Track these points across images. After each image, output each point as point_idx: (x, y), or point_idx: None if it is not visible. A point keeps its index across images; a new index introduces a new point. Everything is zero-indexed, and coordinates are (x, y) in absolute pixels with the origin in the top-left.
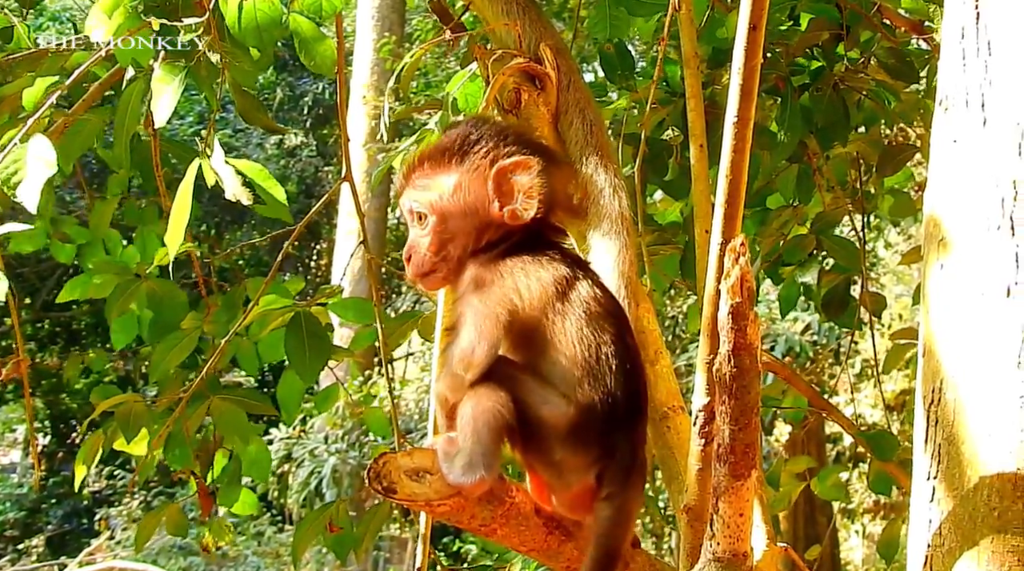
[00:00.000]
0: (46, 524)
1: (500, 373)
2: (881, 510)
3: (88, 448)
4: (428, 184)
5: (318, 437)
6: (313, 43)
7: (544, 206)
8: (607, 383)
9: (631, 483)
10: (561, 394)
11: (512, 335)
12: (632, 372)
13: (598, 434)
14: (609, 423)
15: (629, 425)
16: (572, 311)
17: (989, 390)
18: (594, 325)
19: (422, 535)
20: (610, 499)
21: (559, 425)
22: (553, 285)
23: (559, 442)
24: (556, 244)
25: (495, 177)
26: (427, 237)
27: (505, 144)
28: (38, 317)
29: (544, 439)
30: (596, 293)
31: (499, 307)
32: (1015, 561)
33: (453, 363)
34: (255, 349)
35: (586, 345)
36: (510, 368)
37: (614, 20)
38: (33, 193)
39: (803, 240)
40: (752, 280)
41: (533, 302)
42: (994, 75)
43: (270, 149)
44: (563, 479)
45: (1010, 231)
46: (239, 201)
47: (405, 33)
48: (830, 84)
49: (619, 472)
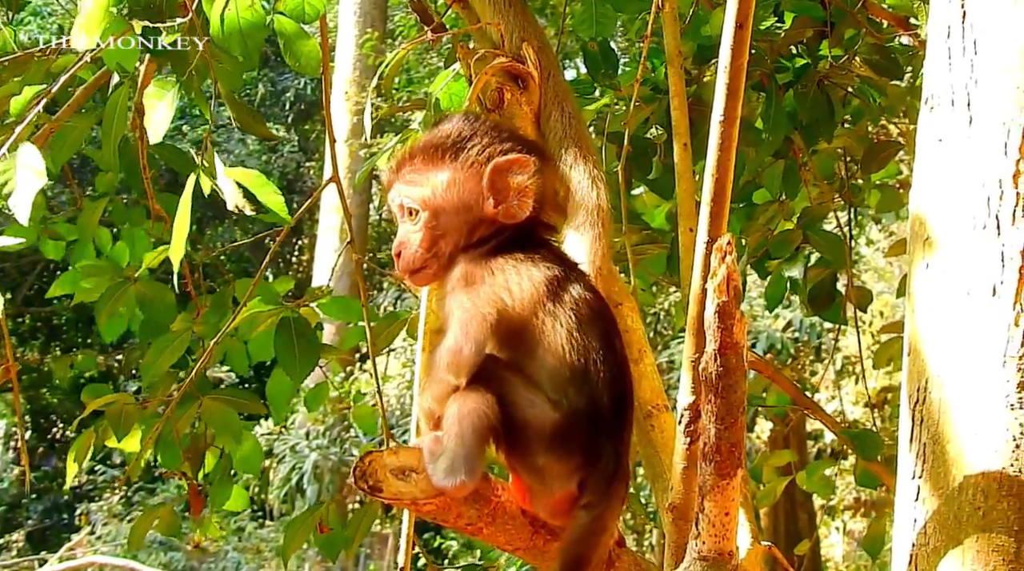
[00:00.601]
0: (26, 519)
1: (488, 373)
2: (862, 507)
3: (80, 446)
4: (420, 179)
5: (299, 433)
6: (297, 43)
7: (537, 205)
8: (594, 388)
9: (612, 492)
10: (547, 398)
11: (500, 334)
12: (619, 378)
13: (582, 441)
14: (594, 429)
15: (614, 432)
16: (562, 313)
17: (974, 389)
18: (584, 328)
19: (406, 533)
20: (589, 508)
21: (544, 429)
22: (544, 285)
23: (543, 447)
24: (547, 242)
25: (490, 174)
26: (418, 233)
27: (501, 141)
28: (19, 312)
29: (528, 443)
30: (586, 295)
31: (488, 306)
32: (1000, 560)
33: (440, 365)
34: (245, 348)
35: (575, 348)
36: (498, 368)
37: (600, 17)
38: (25, 204)
39: (789, 235)
40: (738, 279)
41: (523, 301)
42: (980, 74)
43: (252, 144)
44: (545, 485)
45: (996, 230)
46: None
47: (387, 29)
48: (814, 81)
49: (601, 481)
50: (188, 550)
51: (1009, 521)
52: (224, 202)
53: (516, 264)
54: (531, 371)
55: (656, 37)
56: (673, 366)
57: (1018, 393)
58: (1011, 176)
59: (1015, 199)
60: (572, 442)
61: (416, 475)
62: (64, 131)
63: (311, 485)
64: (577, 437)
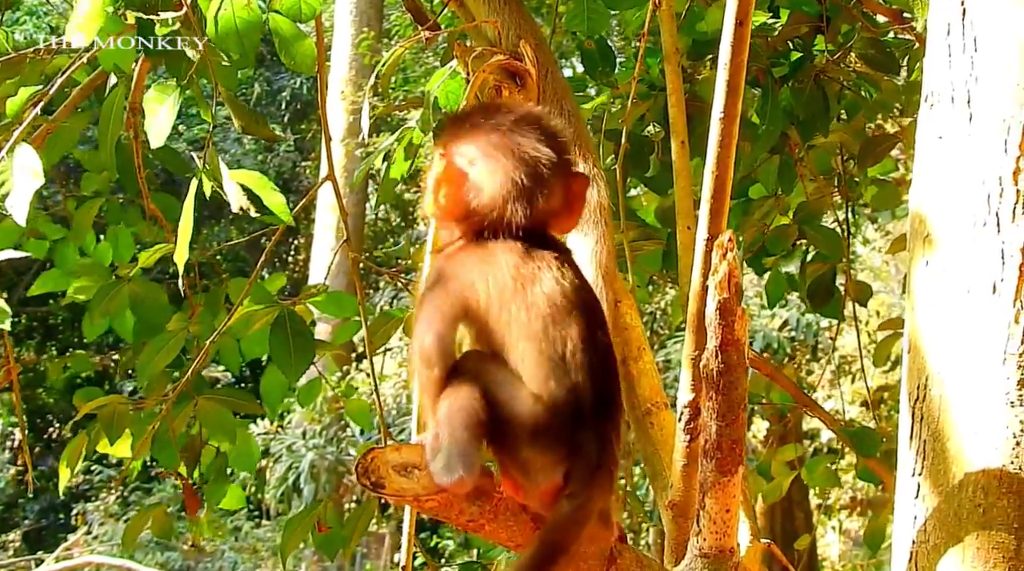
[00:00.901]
0: (23, 519)
1: (473, 367)
2: (858, 506)
3: (72, 450)
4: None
5: (296, 432)
6: (293, 42)
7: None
8: (573, 380)
9: (595, 482)
10: (529, 392)
11: (477, 328)
12: (602, 369)
13: (565, 433)
14: (577, 421)
15: (598, 423)
16: (536, 304)
17: (975, 387)
18: (561, 320)
19: (407, 531)
20: (572, 497)
21: (526, 424)
22: (517, 276)
23: (526, 441)
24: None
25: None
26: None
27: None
28: (15, 312)
29: (512, 437)
30: (566, 286)
31: (450, 297)
32: (1000, 557)
33: (413, 359)
34: (237, 346)
35: (551, 340)
36: (482, 362)
37: (592, 14)
38: (22, 204)
39: (786, 230)
40: (739, 276)
41: (491, 293)
42: (980, 71)
43: (248, 144)
44: (531, 477)
45: (996, 228)
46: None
47: (383, 29)
48: (811, 76)
49: (584, 471)
50: (185, 550)
51: (1009, 518)
52: (220, 202)
53: (486, 257)
54: (512, 364)
55: (652, 36)
56: (670, 365)
57: (1018, 390)
58: (1011, 173)
59: (1015, 196)
60: (554, 435)
61: (418, 471)
62: (58, 132)
63: (308, 485)
64: (559, 430)
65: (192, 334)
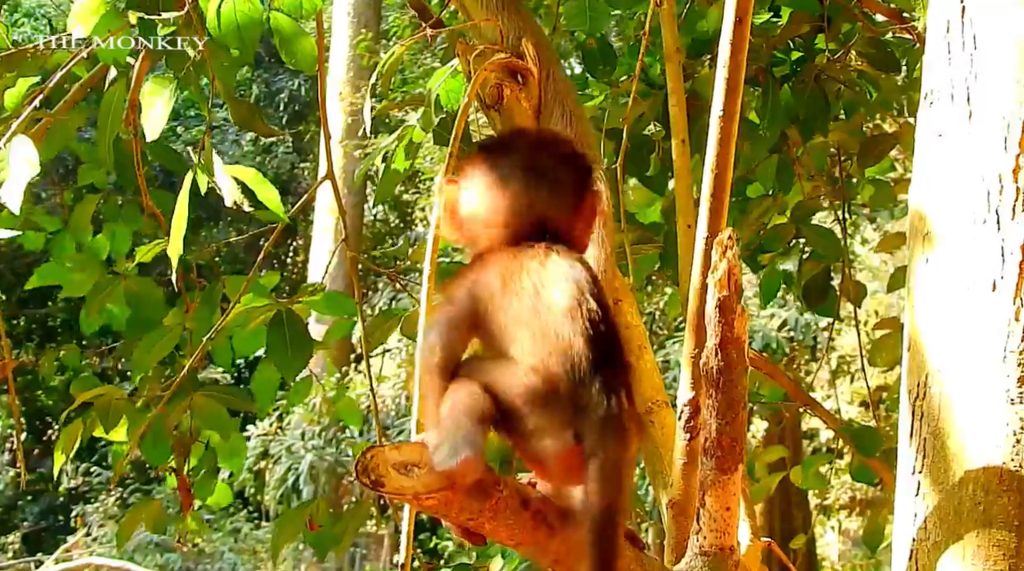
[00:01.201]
0: (22, 521)
1: (473, 367)
2: (857, 506)
3: (67, 438)
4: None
5: (295, 434)
6: (293, 40)
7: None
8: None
9: (608, 433)
10: (528, 367)
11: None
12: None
13: (567, 394)
14: (578, 382)
15: (602, 380)
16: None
17: (975, 384)
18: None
19: (406, 531)
20: (593, 455)
21: (526, 394)
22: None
23: (529, 411)
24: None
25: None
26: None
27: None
28: (13, 314)
29: (517, 413)
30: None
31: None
32: (1000, 555)
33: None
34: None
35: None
36: (482, 362)
37: (592, 12)
38: (16, 193)
39: (783, 229)
40: (739, 274)
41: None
42: (979, 69)
43: (246, 145)
44: (543, 445)
45: (996, 225)
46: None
47: (381, 30)
48: (811, 75)
49: (595, 424)
50: (184, 551)
51: (1009, 516)
52: (219, 203)
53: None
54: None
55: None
56: (669, 366)
57: (1018, 388)
58: (1011, 171)
59: (1015, 194)
60: (555, 398)
61: (418, 470)
62: (56, 127)
63: (307, 486)
64: (560, 392)
65: (188, 330)
